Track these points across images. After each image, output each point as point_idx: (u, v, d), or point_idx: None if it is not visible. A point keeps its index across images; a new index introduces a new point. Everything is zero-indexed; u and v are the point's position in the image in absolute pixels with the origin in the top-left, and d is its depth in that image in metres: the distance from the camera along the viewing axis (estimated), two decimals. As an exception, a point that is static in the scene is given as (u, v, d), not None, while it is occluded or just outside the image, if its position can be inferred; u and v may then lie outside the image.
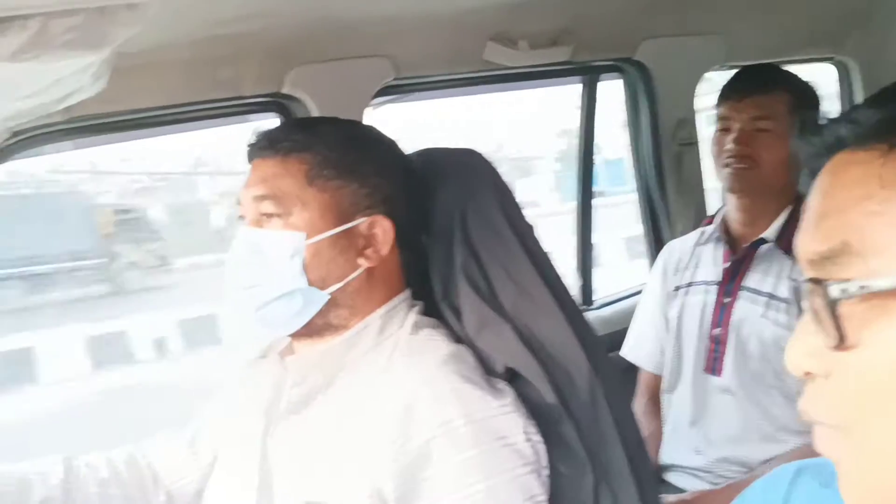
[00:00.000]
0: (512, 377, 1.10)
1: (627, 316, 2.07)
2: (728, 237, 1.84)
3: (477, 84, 1.94)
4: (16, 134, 1.30)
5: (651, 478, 1.19)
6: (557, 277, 1.18)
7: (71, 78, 0.95)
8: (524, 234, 1.18)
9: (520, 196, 1.21)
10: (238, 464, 1.16)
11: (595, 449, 1.08)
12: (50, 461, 1.23)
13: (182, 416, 1.33)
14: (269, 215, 1.08)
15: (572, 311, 1.15)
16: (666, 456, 1.85)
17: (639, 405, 1.95)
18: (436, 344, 1.09)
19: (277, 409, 1.13)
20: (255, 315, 1.10)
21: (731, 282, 1.79)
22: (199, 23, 1.20)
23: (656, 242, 2.28)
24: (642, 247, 2.38)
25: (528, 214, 1.22)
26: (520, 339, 1.10)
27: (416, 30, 1.63)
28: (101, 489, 1.23)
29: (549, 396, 1.08)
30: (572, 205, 2.37)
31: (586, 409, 1.09)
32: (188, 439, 1.31)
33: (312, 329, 1.11)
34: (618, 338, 2.03)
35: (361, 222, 1.10)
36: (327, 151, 1.10)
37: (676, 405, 1.85)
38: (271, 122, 1.67)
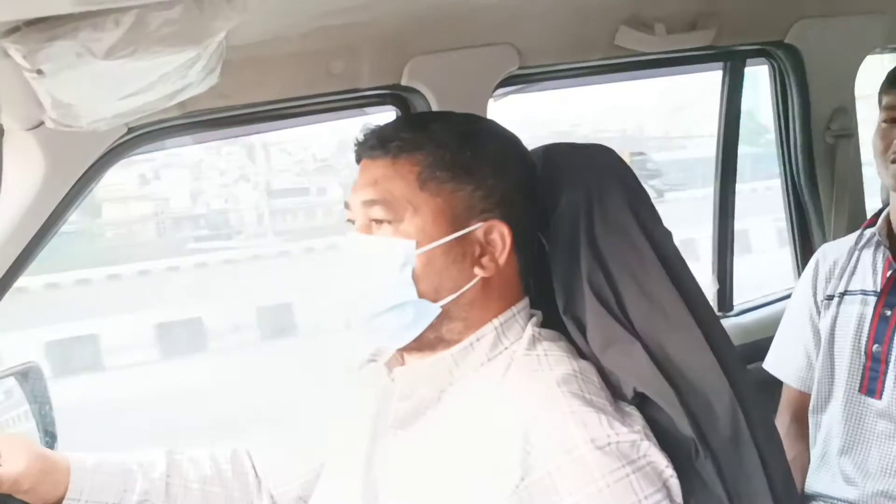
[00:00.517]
0: (642, 402, 1.00)
1: (770, 324, 1.92)
2: (891, 242, 1.67)
3: (607, 72, 1.82)
4: (131, 130, 1.29)
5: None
6: (696, 291, 1.07)
7: (176, 74, 0.91)
8: (659, 242, 1.07)
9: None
10: (342, 476, 1.12)
11: (736, 489, 0.97)
12: (152, 453, 1.24)
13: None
14: (380, 221, 1.01)
15: (712, 329, 1.04)
16: (812, 484, 1.69)
17: (781, 425, 1.78)
18: (555, 360, 0.99)
19: (384, 423, 1.07)
20: (364, 327, 1.04)
21: (892, 292, 1.62)
22: (308, 14, 1.15)
23: (805, 245, 2.10)
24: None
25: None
26: (651, 360, 0.99)
27: (542, 15, 1.54)
28: (202, 486, 1.24)
29: (683, 426, 0.97)
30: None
31: (727, 443, 0.98)
32: (293, 444, 1.29)
33: (423, 343, 1.03)
34: (759, 348, 1.89)
35: (477, 228, 1.01)
36: (441, 151, 1.01)
37: (826, 428, 1.69)
38: (389, 115, 1.61)
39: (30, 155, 1.18)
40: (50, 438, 1.57)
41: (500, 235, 1.01)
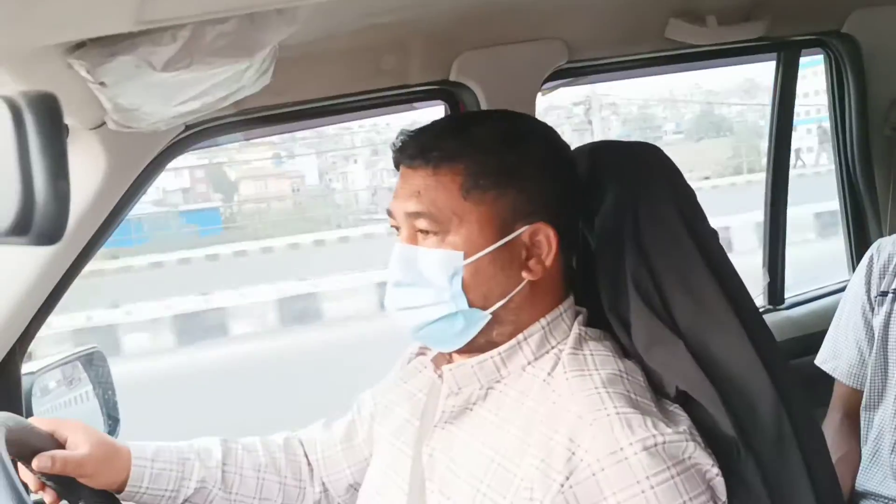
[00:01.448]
0: (685, 401, 0.99)
1: (823, 318, 1.88)
2: None
3: (657, 64, 1.79)
4: (189, 128, 1.33)
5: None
6: (741, 290, 1.06)
7: (231, 79, 0.94)
8: (705, 241, 1.06)
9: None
10: (391, 468, 1.14)
11: (780, 492, 0.96)
12: (208, 441, 1.27)
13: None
14: (426, 232, 1.01)
15: (756, 329, 1.03)
16: (863, 482, 1.66)
17: (832, 421, 1.76)
18: (601, 360, 1.00)
19: (432, 418, 1.08)
20: (415, 335, 1.06)
21: None
22: (358, 12, 1.17)
23: (860, 239, 2.05)
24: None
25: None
26: (694, 360, 0.99)
27: (590, 8, 1.53)
28: (257, 473, 1.27)
29: (725, 426, 0.96)
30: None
31: (770, 445, 0.97)
32: (343, 433, 1.31)
33: (474, 346, 1.04)
34: (811, 342, 1.85)
35: (523, 231, 1.01)
36: (482, 157, 1.00)
37: (878, 426, 1.65)
38: (438, 111, 1.62)
39: (93, 153, 1.22)
40: (113, 422, 1.63)
41: (546, 237, 1.01)
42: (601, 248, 1.08)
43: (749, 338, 1.00)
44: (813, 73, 2.32)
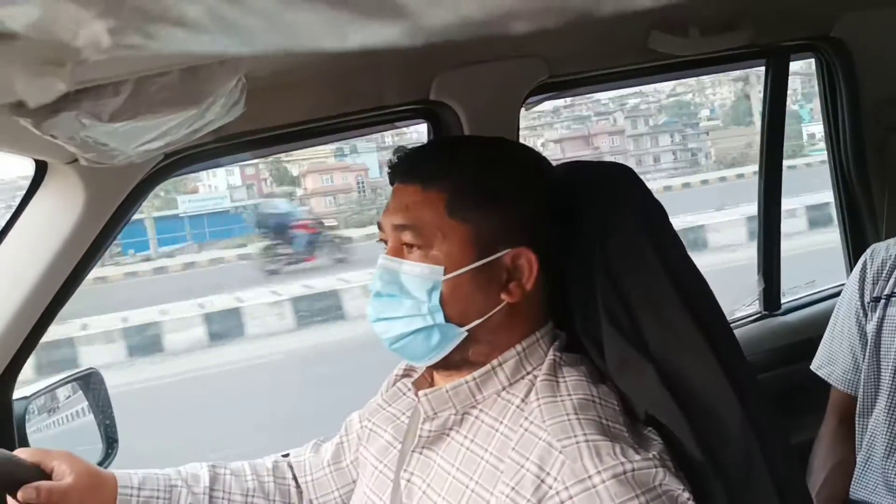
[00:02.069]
0: (657, 424, 1.00)
1: (819, 323, 1.86)
2: None
3: (642, 75, 1.78)
4: (167, 157, 1.35)
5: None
6: (711, 309, 1.07)
7: (192, 118, 0.95)
8: (673, 262, 1.07)
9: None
10: (374, 492, 1.15)
11: None
12: (195, 467, 1.28)
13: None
14: (410, 245, 1.03)
15: (727, 350, 1.03)
16: (856, 491, 1.65)
17: (827, 428, 1.75)
18: (574, 385, 1.00)
19: (412, 442, 1.09)
20: (391, 347, 1.07)
21: None
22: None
23: (857, 242, 2.03)
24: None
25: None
26: (663, 383, 0.99)
27: (569, 24, 1.51)
28: (245, 498, 1.28)
29: (692, 450, 0.97)
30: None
31: (738, 468, 0.98)
32: (332, 455, 1.32)
33: (450, 363, 1.06)
34: (807, 347, 1.83)
35: (504, 254, 1.02)
36: (468, 178, 1.03)
37: (870, 433, 1.65)
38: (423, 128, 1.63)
39: (71, 186, 1.24)
40: (112, 443, 1.65)
41: (528, 262, 1.02)
42: (574, 270, 1.08)
43: (718, 360, 1.00)
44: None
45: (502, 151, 1.10)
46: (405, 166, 1.07)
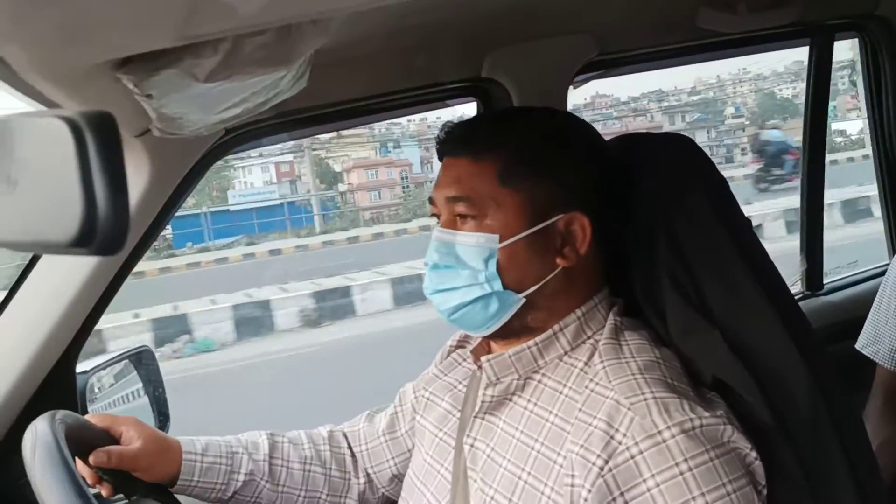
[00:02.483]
0: (722, 390, 1.00)
1: (862, 302, 1.85)
2: None
3: (689, 53, 1.78)
4: (228, 132, 1.37)
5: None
6: (775, 278, 1.07)
7: (269, 86, 0.97)
8: (737, 230, 1.07)
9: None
10: (434, 459, 1.17)
11: (818, 478, 0.97)
12: (255, 435, 1.31)
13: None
14: (464, 216, 1.04)
15: (792, 316, 1.03)
16: (906, 467, 1.65)
17: (873, 406, 1.74)
18: (637, 348, 1.01)
19: (472, 409, 1.11)
20: (450, 318, 1.08)
21: None
22: (393, 16, 1.19)
23: (900, 223, 2.02)
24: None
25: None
26: (729, 348, 1.00)
27: (619, 0, 1.53)
28: (303, 466, 1.30)
29: (762, 413, 0.97)
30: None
31: (808, 432, 0.98)
32: (386, 425, 1.34)
33: (509, 331, 1.07)
34: (851, 326, 1.82)
35: (558, 220, 1.03)
36: (520, 148, 1.04)
37: (919, 411, 1.64)
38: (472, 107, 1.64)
39: (138, 159, 1.26)
40: (163, 418, 1.68)
41: (581, 227, 1.03)
42: (634, 239, 1.09)
43: (784, 326, 1.01)
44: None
45: (552, 121, 1.11)
46: (455, 139, 1.08)
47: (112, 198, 0.44)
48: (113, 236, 0.45)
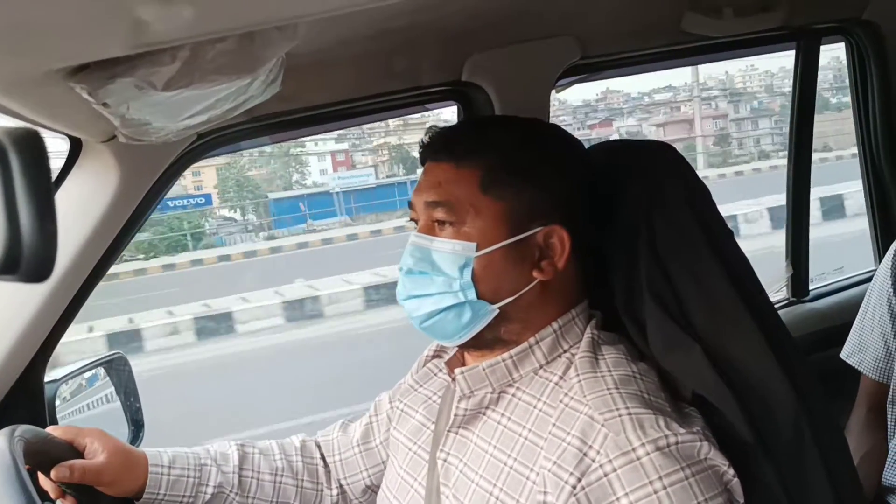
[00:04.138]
0: (702, 405, 0.99)
1: (848, 310, 1.85)
2: None
3: (673, 57, 1.76)
4: (200, 136, 1.34)
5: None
6: (757, 290, 1.05)
7: (236, 92, 0.94)
8: (719, 241, 1.05)
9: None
10: (408, 472, 1.15)
11: (798, 496, 0.95)
12: (225, 446, 1.28)
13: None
14: (442, 223, 1.03)
15: (775, 331, 1.02)
16: (890, 477, 1.64)
17: (858, 416, 1.73)
18: (614, 362, 0.99)
19: (446, 421, 1.08)
20: (422, 325, 1.06)
21: None
22: (371, 20, 1.16)
23: (886, 229, 2.01)
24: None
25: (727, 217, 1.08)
26: (711, 364, 0.98)
27: (603, 4, 1.50)
28: (274, 477, 1.28)
29: (743, 430, 0.95)
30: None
31: (789, 448, 0.96)
32: (361, 435, 1.33)
33: (482, 342, 1.05)
34: (836, 334, 1.81)
35: (537, 232, 1.01)
36: (504, 156, 1.02)
37: (904, 420, 1.63)
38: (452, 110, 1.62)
39: (106, 165, 1.23)
40: (136, 427, 1.65)
41: (560, 240, 1.02)
42: (615, 250, 1.07)
43: (767, 340, 0.99)
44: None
45: (536, 131, 1.10)
46: (437, 145, 1.06)
47: (38, 223, 0.41)
48: (39, 263, 0.42)
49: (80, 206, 1.26)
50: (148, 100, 0.75)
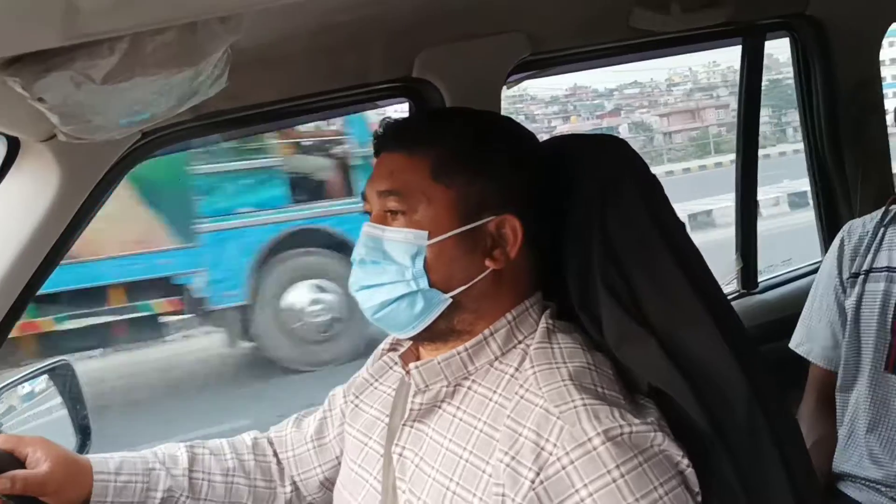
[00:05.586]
0: (658, 397, 0.99)
1: (796, 301, 1.88)
2: None
3: (622, 53, 1.78)
4: (146, 135, 1.30)
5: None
6: (710, 282, 1.06)
7: (180, 87, 0.91)
8: (672, 234, 1.06)
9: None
10: (362, 467, 1.14)
11: (754, 485, 0.95)
12: (174, 448, 1.26)
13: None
14: (394, 212, 1.02)
15: (728, 322, 1.02)
16: (840, 464, 1.67)
17: (807, 404, 1.77)
18: (570, 352, 0.99)
19: (401, 416, 1.08)
20: (374, 317, 1.05)
21: None
22: (316, 13, 1.14)
23: (831, 221, 2.05)
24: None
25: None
26: (665, 355, 0.98)
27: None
28: (225, 478, 1.26)
29: (699, 420, 0.96)
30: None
31: (744, 438, 0.97)
32: (314, 431, 1.31)
33: (435, 333, 1.04)
34: (785, 325, 1.84)
35: (489, 221, 1.01)
36: (455, 146, 1.02)
37: (853, 407, 1.66)
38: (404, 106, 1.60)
39: (46, 165, 1.19)
40: (84, 435, 1.60)
41: (512, 229, 1.02)
42: (569, 243, 1.07)
43: (720, 330, 1.00)
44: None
45: (488, 122, 1.10)
46: (391, 135, 1.07)
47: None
48: None
49: (19, 208, 1.22)
50: (87, 94, 0.72)
